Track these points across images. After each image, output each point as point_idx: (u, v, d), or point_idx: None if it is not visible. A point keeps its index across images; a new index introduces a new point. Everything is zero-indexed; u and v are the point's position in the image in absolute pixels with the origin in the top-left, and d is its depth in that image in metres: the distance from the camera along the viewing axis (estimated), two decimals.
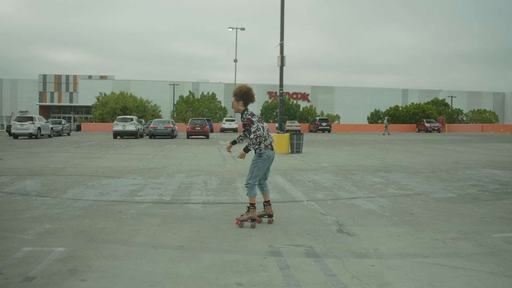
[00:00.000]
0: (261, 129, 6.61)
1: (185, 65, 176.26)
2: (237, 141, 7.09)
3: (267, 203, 6.97)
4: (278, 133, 22.37)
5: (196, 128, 38.43)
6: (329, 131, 61.58)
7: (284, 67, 22.16)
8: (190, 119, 42.91)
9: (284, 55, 21.97)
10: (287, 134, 21.92)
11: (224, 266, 4.86)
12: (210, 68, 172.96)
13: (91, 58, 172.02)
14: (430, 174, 13.33)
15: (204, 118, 47.53)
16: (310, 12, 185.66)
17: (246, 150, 6.74)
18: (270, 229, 6.55)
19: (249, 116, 6.70)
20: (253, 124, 6.61)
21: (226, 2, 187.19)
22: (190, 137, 39.35)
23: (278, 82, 22.67)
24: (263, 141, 6.66)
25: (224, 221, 7.03)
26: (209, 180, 11.71)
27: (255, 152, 6.77)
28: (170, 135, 38.17)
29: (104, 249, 5.42)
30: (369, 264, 5.01)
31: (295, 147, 21.54)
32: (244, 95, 6.85)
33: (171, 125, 38.94)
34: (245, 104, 6.89)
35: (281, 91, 22.63)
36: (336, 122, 74.55)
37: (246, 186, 6.83)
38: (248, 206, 6.83)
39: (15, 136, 36.98)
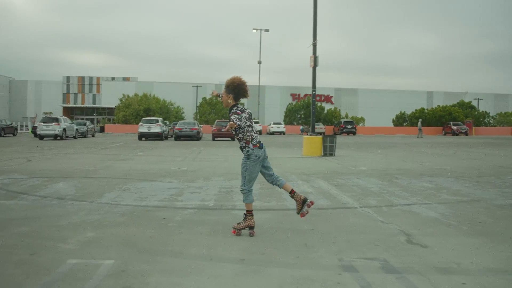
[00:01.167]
0: (243, 124, 5.93)
1: (206, 67, 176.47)
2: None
3: (292, 193, 6.25)
4: (310, 135, 21.73)
5: (222, 130, 37.92)
6: (354, 133, 60.79)
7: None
8: (216, 120, 42.46)
9: (317, 55, 21.34)
10: (320, 137, 21.29)
11: (298, 284, 4.28)
12: (232, 70, 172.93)
13: (114, 60, 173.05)
14: (478, 178, 12.62)
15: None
16: (331, 14, 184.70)
17: (238, 125, 5.87)
18: (334, 240, 5.95)
19: (237, 112, 6.01)
20: (238, 116, 5.92)
21: (247, 5, 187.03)
22: (216, 139, 38.86)
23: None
24: (250, 140, 6.05)
25: (279, 230, 6.45)
26: (237, 184, 11.11)
27: (243, 153, 6.16)
28: (196, 137, 37.73)
29: (157, 263, 4.87)
30: (459, 281, 4.40)
31: (328, 150, 20.90)
32: (236, 88, 6.19)
33: (197, 127, 38.51)
34: (236, 98, 6.20)
35: (313, 92, 22.03)
36: (360, 124, 73.66)
37: (241, 192, 6.22)
38: (244, 214, 6.24)
39: (41, 137, 36.85)
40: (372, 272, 4.65)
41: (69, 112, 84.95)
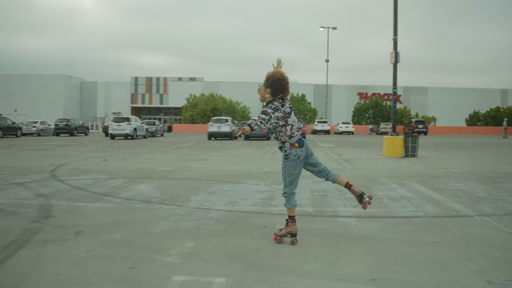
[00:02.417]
0: (269, 123, 5.39)
1: (270, 67, 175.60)
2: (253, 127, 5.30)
3: (347, 186, 5.72)
4: (391, 135, 20.68)
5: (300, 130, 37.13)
6: (425, 133, 58.66)
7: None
8: None
9: (398, 50, 20.27)
10: (401, 137, 20.19)
11: None
12: (296, 70, 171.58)
13: (179, 61, 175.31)
14: None
15: (301, 120, 46.25)
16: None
17: (251, 128, 5.21)
18: (467, 255, 5.10)
19: (267, 111, 5.39)
20: (266, 116, 5.32)
21: (311, 4, 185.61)
22: None
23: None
24: (286, 140, 5.47)
25: (399, 242, 5.65)
26: (339, 187, 10.32)
27: (282, 153, 5.61)
28: (266, 136, 37.10)
29: (277, 282, 4.17)
30: None
31: (410, 150, 19.77)
32: (275, 82, 5.57)
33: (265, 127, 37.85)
34: (273, 94, 5.58)
35: (394, 90, 20.93)
36: (431, 124, 71.33)
37: (283, 196, 5.70)
38: (286, 219, 5.66)
39: (112, 136, 37.17)
40: None
41: (136, 112, 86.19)
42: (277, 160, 17.35)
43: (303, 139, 5.67)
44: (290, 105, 5.68)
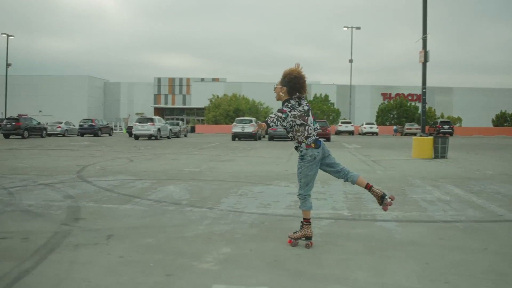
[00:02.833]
0: (285, 122, 5.28)
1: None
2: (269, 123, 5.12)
3: (368, 187, 5.46)
4: (420, 135, 20.24)
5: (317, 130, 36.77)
6: (451, 134, 57.77)
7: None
8: None
9: (427, 49, 19.84)
10: (431, 138, 19.77)
11: None
12: (318, 70, 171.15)
13: (202, 62, 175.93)
14: None
15: (325, 120, 45.85)
16: (419, 10, 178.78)
17: (267, 124, 5.04)
18: None
19: (283, 109, 5.26)
20: (282, 115, 5.20)
21: (333, 4, 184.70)
22: None
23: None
24: (303, 140, 5.29)
25: (446, 249, 5.34)
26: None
27: (298, 153, 5.43)
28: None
29: None
30: None
31: (440, 152, 19.34)
32: (291, 81, 5.38)
33: None
34: (290, 93, 5.41)
35: (424, 90, 20.56)
36: (457, 124, 70.32)
37: (298, 198, 5.43)
38: (301, 222, 5.42)
39: (136, 137, 37.20)
40: None
41: (159, 112, 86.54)
42: None
43: (320, 139, 5.48)
44: (307, 105, 5.50)
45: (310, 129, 5.37)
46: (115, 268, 4.49)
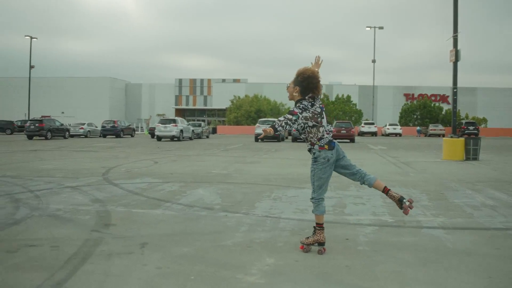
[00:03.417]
0: (296, 123, 5.07)
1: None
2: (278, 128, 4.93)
3: (385, 191, 5.19)
4: (451, 137, 19.70)
5: (342, 131, 36.35)
6: (476, 135, 56.84)
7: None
8: (335, 122, 40.81)
9: (458, 48, 19.29)
10: (462, 139, 19.22)
11: None
12: (338, 70, 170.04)
13: (222, 63, 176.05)
14: None
15: (350, 121, 45.28)
16: (441, 9, 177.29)
17: (275, 129, 4.86)
18: None
19: (294, 111, 5.06)
20: (293, 117, 4.99)
21: (353, 4, 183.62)
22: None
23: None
24: (315, 141, 5.10)
25: (506, 260, 4.92)
26: (410, 193, 9.58)
27: (311, 155, 5.25)
28: None
29: None
30: None
31: (472, 153, 18.78)
32: (305, 80, 5.15)
33: None
34: (303, 93, 5.19)
35: (454, 90, 19.93)
36: (482, 125, 69.19)
37: (311, 201, 5.24)
38: (314, 227, 5.19)
39: (159, 138, 37.07)
40: None
41: (180, 113, 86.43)
42: None
43: (334, 141, 5.26)
44: (321, 105, 5.27)
45: (323, 131, 5.15)
46: (154, 281, 4.15)
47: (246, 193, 9.38)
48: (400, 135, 60.95)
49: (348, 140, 36.95)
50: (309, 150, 5.26)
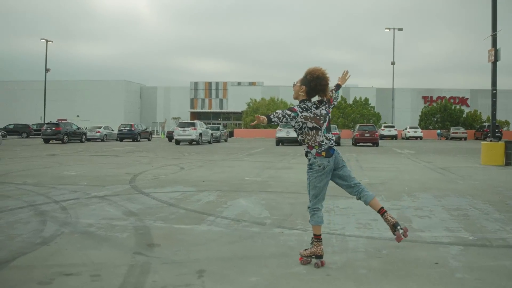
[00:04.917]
0: (293, 121, 4.78)
1: (329, 71, 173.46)
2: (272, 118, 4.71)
3: (381, 212, 4.77)
4: (491, 141, 18.74)
5: (365, 135, 35.39)
6: (500, 138, 55.45)
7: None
8: (358, 125, 39.76)
9: (498, 47, 18.32)
10: (502, 143, 18.25)
11: None
12: (355, 73, 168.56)
13: (237, 66, 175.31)
14: None
15: (373, 125, 44.28)
16: (457, 10, 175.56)
17: (269, 119, 4.66)
18: None
19: (294, 108, 4.81)
20: (292, 113, 4.73)
21: (368, 6, 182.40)
22: (358, 144, 36.27)
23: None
24: (314, 145, 4.75)
25: None
26: (472, 203, 8.66)
27: (307, 160, 4.88)
28: (337, 142, 35.45)
29: None
30: None
31: None
32: (313, 80, 4.86)
33: (337, 132, 36.23)
34: (309, 94, 4.93)
35: (494, 91, 18.99)
36: (505, 128, 67.78)
37: (308, 211, 4.92)
38: (312, 238, 4.89)
39: (177, 142, 36.30)
40: None
41: (196, 117, 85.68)
42: (369, 169, 15.77)
43: (334, 148, 4.87)
44: (327, 110, 4.97)
45: (321, 135, 4.79)
46: None
47: (293, 204, 8.51)
48: (421, 138, 59.71)
49: (372, 144, 35.98)
50: (306, 155, 4.89)
